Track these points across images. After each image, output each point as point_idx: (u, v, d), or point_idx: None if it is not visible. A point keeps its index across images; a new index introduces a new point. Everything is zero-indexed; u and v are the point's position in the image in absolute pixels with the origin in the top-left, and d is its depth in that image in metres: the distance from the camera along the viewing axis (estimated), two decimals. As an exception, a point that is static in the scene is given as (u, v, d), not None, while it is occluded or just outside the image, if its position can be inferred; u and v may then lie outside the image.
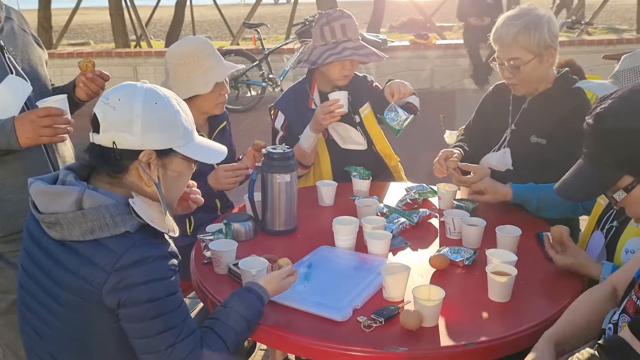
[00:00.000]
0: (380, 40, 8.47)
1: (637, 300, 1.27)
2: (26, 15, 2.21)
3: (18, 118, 1.78)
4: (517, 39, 2.21)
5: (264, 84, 7.96)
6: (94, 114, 1.42)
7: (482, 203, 2.26)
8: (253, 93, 8.12)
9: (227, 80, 2.48)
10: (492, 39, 2.32)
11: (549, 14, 2.26)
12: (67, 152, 2.06)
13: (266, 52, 8.02)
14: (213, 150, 1.57)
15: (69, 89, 2.10)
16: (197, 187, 1.73)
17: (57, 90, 2.04)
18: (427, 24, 11.58)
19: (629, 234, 1.75)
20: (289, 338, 1.55)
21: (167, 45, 12.69)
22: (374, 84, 2.88)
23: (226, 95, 2.48)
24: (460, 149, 2.48)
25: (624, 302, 1.33)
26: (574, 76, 2.40)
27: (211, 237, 1.95)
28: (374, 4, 12.11)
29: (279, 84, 7.89)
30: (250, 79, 8.12)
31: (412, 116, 2.56)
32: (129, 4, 11.57)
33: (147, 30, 12.39)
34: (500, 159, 2.42)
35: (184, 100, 1.57)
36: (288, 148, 2.16)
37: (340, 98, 2.55)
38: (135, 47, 11.63)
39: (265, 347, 2.85)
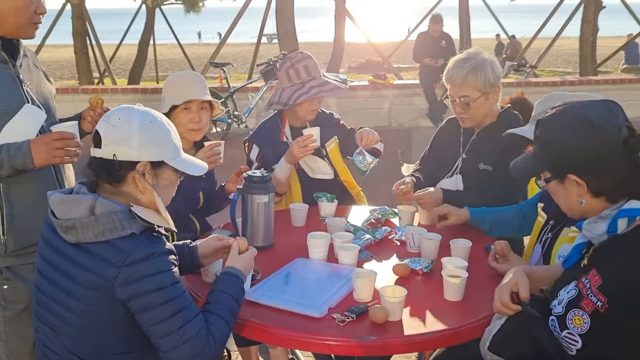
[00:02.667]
0: (340, 80, 8.85)
1: (597, 302, 1.49)
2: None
3: (33, 141, 1.99)
4: (466, 79, 2.56)
5: (229, 120, 8.23)
6: (96, 131, 1.67)
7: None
8: (218, 129, 8.37)
9: (205, 115, 2.65)
10: (444, 79, 2.67)
11: (491, 57, 2.63)
12: (70, 175, 2.28)
13: (232, 90, 8.32)
14: (196, 165, 1.83)
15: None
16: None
17: (64, 121, 2.25)
18: (384, 65, 12.11)
19: (561, 242, 2.06)
20: (276, 333, 1.79)
21: (129, 83, 12.89)
22: (340, 122, 3.19)
23: (200, 122, 2.62)
24: (413, 177, 2.80)
25: (570, 298, 1.58)
26: (516, 112, 2.77)
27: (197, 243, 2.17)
28: (333, 45, 12.60)
29: (243, 120, 8.18)
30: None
31: (377, 160, 2.86)
32: (94, 42, 11.75)
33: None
34: (453, 184, 2.74)
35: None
36: (266, 172, 2.43)
37: (313, 134, 2.83)
38: (97, 84, 11.78)
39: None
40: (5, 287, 2.11)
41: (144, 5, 14.29)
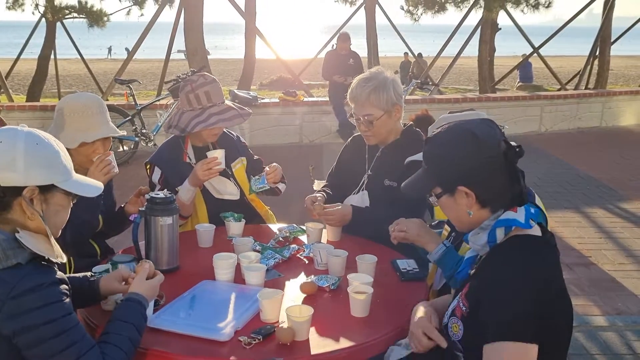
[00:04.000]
0: (251, 97, 8.85)
1: (463, 307, 1.63)
2: None
3: None
4: (369, 98, 2.62)
5: (136, 138, 7.97)
6: None
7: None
8: (125, 148, 8.09)
9: (107, 142, 2.59)
10: (348, 98, 2.72)
11: (393, 76, 2.70)
12: None
13: (139, 108, 8.07)
14: (90, 185, 1.73)
15: None
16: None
17: None
18: (295, 82, 12.21)
19: (462, 251, 2.14)
20: (177, 360, 1.72)
21: (28, 100, 12.22)
22: (247, 146, 3.18)
23: (99, 153, 2.55)
24: (324, 193, 2.83)
25: (452, 308, 1.69)
26: (418, 129, 2.86)
27: (98, 277, 2.07)
28: (244, 62, 12.58)
29: (152, 138, 7.95)
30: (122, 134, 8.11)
31: (268, 187, 2.87)
32: (-13, 56, 11.06)
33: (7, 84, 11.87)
34: (359, 200, 2.78)
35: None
36: (170, 193, 2.35)
37: (218, 156, 2.78)
38: (-7, 100, 11.08)
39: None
40: None
41: (43, 19, 13.63)
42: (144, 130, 7.99)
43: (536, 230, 1.65)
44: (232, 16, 13.08)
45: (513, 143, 1.71)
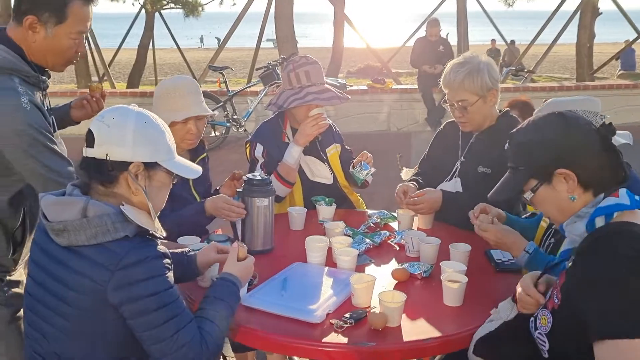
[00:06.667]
0: (339, 84, 8.87)
1: (555, 299, 1.54)
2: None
3: None
4: (463, 83, 2.54)
5: (228, 124, 8.21)
6: (89, 130, 1.63)
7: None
8: (217, 133, 8.35)
9: (201, 124, 2.64)
10: (442, 83, 2.65)
11: (488, 60, 2.61)
12: None
13: (231, 94, 8.29)
14: (190, 168, 1.79)
15: (65, 110, 2.40)
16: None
17: (52, 110, 2.22)
18: (383, 70, 12.11)
19: (564, 247, 2.04)
20: (271, 338, 1.76)
21: (128, 87, 12.87)
22: (341, 135, 3.20)
23: (194, 133, 2.62)
24: (415, 182, 2.78)
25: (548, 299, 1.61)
26: (514, 115, 2.75)
27: (195, 252, 2.14)
28: (332, 50, 12.64)
29: (242, 124, 8.15)
30: (214, 119, 8.37)
31: (372, 170, 2.90)
32: (92, 46, 11.73)
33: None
34: (452, 187, 2.71)
35: None
36: (266, 175, 2.40)
37: (322, 112, 2.84)
38: (97, 87, 11.74)
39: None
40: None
41: (143, 10, 14.29)
42: (235, 116, 8.21)
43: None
44: (321, 5, 13.13)
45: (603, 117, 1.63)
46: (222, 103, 8.22)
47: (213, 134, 8.29)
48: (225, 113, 8.19)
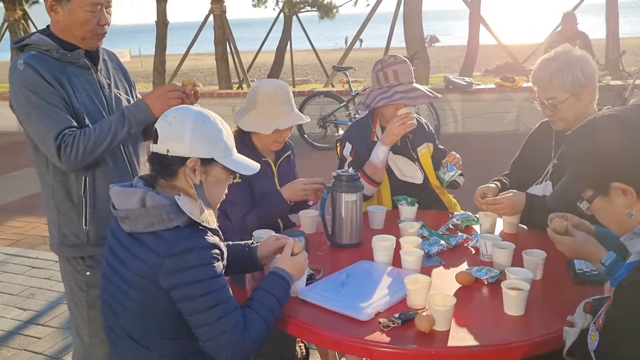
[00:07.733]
0: (465, 83, 8.62)
1: (600, 320, 1.43)
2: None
3: (147, 96, 2.27)
4: (551, 80, 2.37)
5: (349, 123, 8.32)
6: (155, 128, 1.78)
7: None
8: (341, 132, 8.50)
9: (290, 128, 2.74)
10: (531, 80, 2.50)
11: (582, 54, 2.40)
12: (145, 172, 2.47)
13: (353, 94, 8.41)
14: (247, 165, 1.87)
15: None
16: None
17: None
18: (525, 67, 11.55)
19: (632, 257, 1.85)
20: (317, 332, 1.79)
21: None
22: (433, 135, 3.18)
23: (285, 137, 2.75)
24: (499, 182, 2.65)
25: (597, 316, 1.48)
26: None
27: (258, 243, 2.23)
28: (467, 49, 12.28)
29: (364, 123, 8.23)
30: (337, 118, 8.55)
31: (458, 172, 2.88)
32: (233, 50, 12.45)
33: (249, 74, 13.25)
34: (542, 191, 2.55)
35: (247, 131, 1.86)
36: (355, 171, 2.47)
37: (410, 112, 2.85)
38: (238, 89, 12.46)
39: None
40: (87, 273, 2.33)
41: (281, 14, 14.92)
42: (357, 116, 8.30)
43: None
44: (455, 2, 12.81)
45: None
46: (345, 102, 8.36)
47: (338, 133, 8.46)
48: (348, 112, 8.32)
